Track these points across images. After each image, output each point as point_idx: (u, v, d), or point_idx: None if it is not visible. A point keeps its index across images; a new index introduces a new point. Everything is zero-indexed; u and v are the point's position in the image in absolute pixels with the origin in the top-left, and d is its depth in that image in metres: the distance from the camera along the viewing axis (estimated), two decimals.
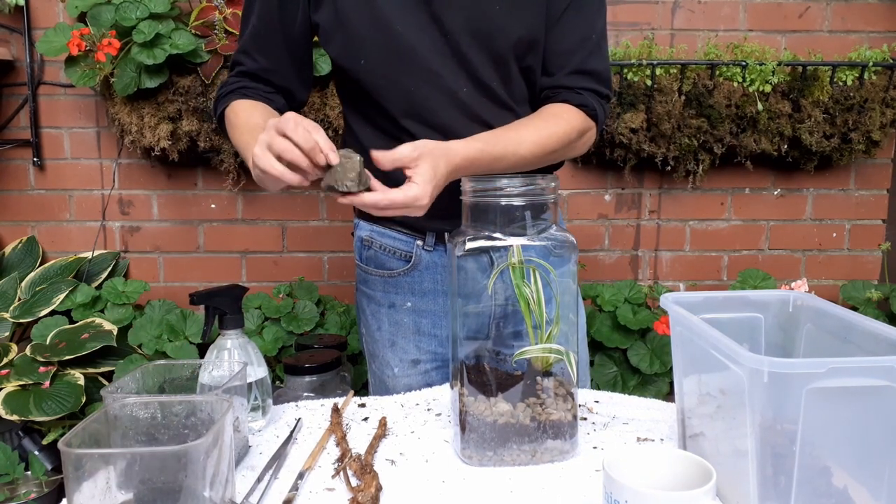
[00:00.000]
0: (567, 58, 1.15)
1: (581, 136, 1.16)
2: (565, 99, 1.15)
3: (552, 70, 1.16)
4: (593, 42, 1.16)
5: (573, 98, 1.15)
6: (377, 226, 1.23)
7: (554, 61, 1.16)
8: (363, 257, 1.26)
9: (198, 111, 1.97)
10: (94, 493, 0.66)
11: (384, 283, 1.24)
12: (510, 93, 1.14)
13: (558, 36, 1.14)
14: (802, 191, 2.31)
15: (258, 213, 2.26)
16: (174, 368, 0.91)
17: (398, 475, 0.86)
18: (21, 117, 2.17)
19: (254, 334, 2.06)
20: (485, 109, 1.13)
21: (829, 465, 0.71)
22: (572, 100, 1.15)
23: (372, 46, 1.10)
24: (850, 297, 2.20)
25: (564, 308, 0.87)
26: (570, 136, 1.13)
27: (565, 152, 1.16)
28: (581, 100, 1.15)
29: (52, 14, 2.12)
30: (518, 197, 0.87)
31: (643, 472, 0.72)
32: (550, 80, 1.17)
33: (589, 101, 1.15)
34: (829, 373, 0.66)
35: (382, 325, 1.25)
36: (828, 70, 2.03)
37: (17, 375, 1.81)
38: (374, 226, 1.24)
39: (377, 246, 1.24)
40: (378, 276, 1.25)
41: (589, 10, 1.15)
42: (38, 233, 2.25)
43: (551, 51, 1.15)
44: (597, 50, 1.17)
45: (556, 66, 1.16)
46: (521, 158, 1.08)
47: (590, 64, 1.16)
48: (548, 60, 1.16)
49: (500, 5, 1.09)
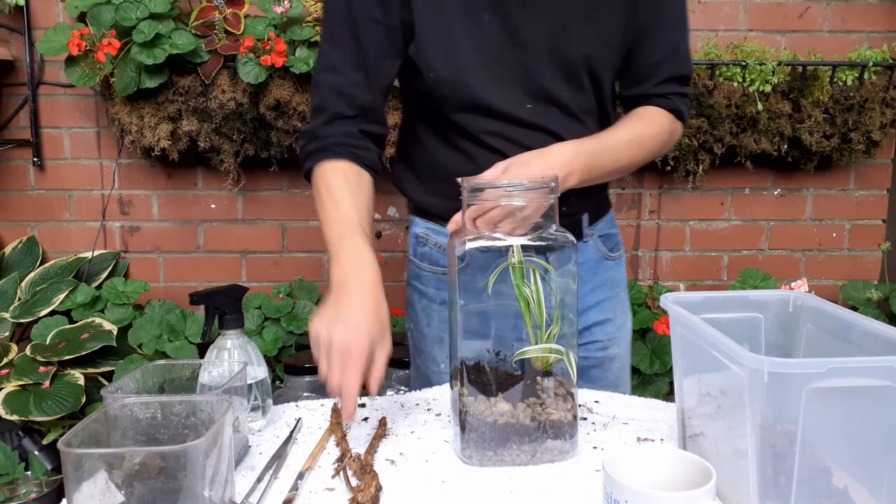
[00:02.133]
0: (657, 69, 1.18)
1: (671, 136, 1.21)
2: (655, 104, 1.19)
3: (642, 80, 1.19)
4: (680, 50, 1.19)
5: (663, 104, 1.19)
6: (432, 223, 1.24)
7: (644, 72, 1.18)
8: (417, 253, 1.27)
9: (198, 111, 1.97)
10: (93, 493, 0.66)
11: (437, 279, 1.24)
12: (578, 103, 1.15)
13: (648, 49, 1.16)
14: (802, 191, 2.31)
15: (258, 213, 2.26)
16: (174, 368, 0.91)
17: (398, 475, 0.86)
18: (21, 117, 2.17)
19: (254, 334, 2.06)
20: (551, 119, 1.13)
21: (829, 465, 0.71)
22: (662, 105, 1.19)
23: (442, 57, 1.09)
24: (850, 297, 2.20)
25: (564, 308, 0.87)
26: (662, 137, 1.18)
27: (658, 153, 1.21)
28: (670, 104, 1.19)
29: (51, 14, 2.12)
30: (518, 197, 0.86)
31: (643, 472, 0.72)
32: (640, 89, 1.19)
33: (677, 105, 1.19)
34: (829, 373, 0.66)
35: (432, 321, 1.26)
36: (828, 70, 2.03)
37: (17, 375, 1.81)
38: (430, 223, 1.24)
39: (432, 243, 1.24)
40: (431, 273, 1.25)
41: (677, 18, 1.18)
42: (38, 233, 2.25)
43: (641, 63, 1.17)
44: (684, 56, 1.20)
45: (647, 76, 1.18)
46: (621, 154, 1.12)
47: (678, 70, 1.19)
48: (637, 71, 1.18)
49: (577, 18, 1.09)
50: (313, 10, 1.92)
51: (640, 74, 1.19)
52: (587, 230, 1.24)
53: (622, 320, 1.31)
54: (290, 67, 1.87)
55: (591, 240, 1.25)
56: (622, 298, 1.31)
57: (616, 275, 1.30)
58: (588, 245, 1.25)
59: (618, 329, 1.29)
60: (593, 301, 1.26)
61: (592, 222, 1.25)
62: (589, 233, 1.24)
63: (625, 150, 1.14)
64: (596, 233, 1.26)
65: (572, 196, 1.13)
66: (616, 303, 1.29)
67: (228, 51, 1.88)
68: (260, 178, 2.22)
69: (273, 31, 1.91)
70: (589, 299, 1.25)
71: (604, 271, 1.27)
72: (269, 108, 1.94)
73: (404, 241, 2.28)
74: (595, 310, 1.26)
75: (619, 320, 1.29)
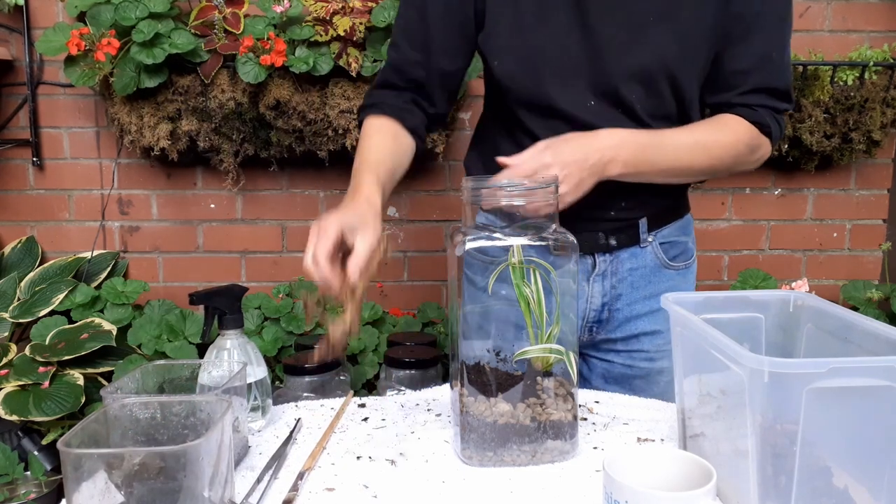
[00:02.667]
0: (745, 77, 1.11)
1: (752, 151, 1.12)
2: (738, 113, 1.12)
3: (727, 88, 1.12)
4: (774, 60, 1.11)
5: (746, 114, 1.11)
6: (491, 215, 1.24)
7: (730, 80, 1.11)
8: None
9: (197, 111, 1.97)
10: (93, 494, 0.66)
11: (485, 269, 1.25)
12: (651, 108, 1.10)
13: (737, 55, 1.10)
14: (803, 191, 2.30)
15: (258, 212, 2.26)
16: (174, 368, 0.91)
17: (398, 475, 0.86)
18: (20, 117, 2.17)
19: (253, 334, 2.05)
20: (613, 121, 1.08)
21: (829, 465, 0.71)
22: (745, 115, 1.11)
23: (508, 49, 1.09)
24: (851, 297, 2.20)
25: (564, 308, 0.87)
26: (737, 148, 1.10)
27: (732, 164, 1.13)
28: (754, 116, 1.11)
29: (51, 14, 2.12)
30: (518, 197, 0.86)
31: (643, 473, 0.72)
32: (723, 97, 1.13)
33: (763, 119, 1.11)
34: (830, 373, 0.66)
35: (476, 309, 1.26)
36: (828, 70, 2.03)
37: (16, 375, 1.81)
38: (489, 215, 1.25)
39: None
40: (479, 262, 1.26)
41: (774, 24, 1.10)
42: (37, 233, 2.24)
43: (728, 69, 1.11)
44: (778, 66, 1.12)
45: (732, 84, 1.11)
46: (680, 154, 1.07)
47: (769, 81, 1.11)
48: (723, 78, 1.12)
49: (657, 18, 1.05)
50: (313, 9, 1.92)
51: (725, 81, 1.11)
52: (644, 235, 1.19)
53: None
54: (290, 67, 1.87)
55: (650, 246, 1.20)
56: None
57: (678, 285, 1.23)
58: (645, 251, 1.20)
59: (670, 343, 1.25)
60: (645, 310, 1.21)
61: (654, 228, 1.20)
62: (647, 238, 1.19)
63: (685, 151, 1.07)
64: (658, 239, 1.20)
65: (623, 200, 1.11)
66: None
67: (228, 50, 1.88)
68: (259, 177, 2.22)
69: (273, 30, 1.91)
70: (640, 307, 1.21)
71: (662, 280, 1.21)
72: (269, 107, 1.94)
73: (404, 241, 2.28)
74: (646, 319, 1.21)
75: None
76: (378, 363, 2.05)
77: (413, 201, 2.25)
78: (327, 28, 1.89)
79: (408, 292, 2.30)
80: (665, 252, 1.21)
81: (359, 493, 0.82)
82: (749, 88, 1.11)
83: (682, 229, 1.25)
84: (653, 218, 1.19)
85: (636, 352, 1.22)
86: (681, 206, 1.26)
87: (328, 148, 2.04)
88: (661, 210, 1.20)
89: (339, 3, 1.91)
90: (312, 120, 1.96)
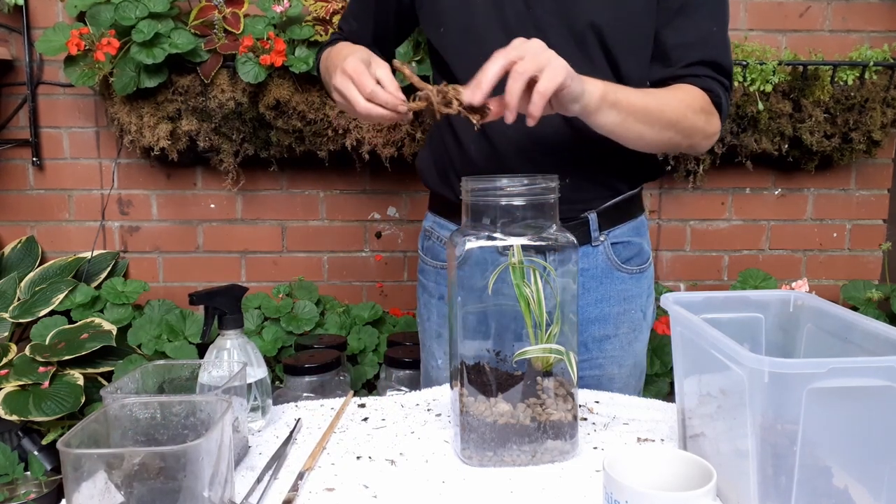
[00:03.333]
0: (687, 50, 1.09)
1: (703, 116, 1.07)
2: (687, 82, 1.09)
3: (671, 62, 1.10)
4: (716, 35, 1.10)
5: (695, 82, 1.08)
6: (440, 217, 1.24)
7: (672, 53, 1.09)
8: (423, 247, 1.28)
9: (197, 111, 1.97)
10: (93, 494, 0.66)
11: (437, 274, 1.24)
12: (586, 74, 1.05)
13: (679, 27, 1.08)
14: (803, 191, 2.30)
15: (258, 212, 2.26)
16: (174, 368, 0.91)
17: (398, 475, 0.86)
18: (20, 117, 2.17)
19: (253, 334, 2.05)
20: None
21: (829, 465, 0.71)
22: (695, 83, 1.08)
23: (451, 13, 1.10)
24: (851, 297, 2.20)
25: (564, 308, 0.87)
26: (691, 108, 1.05)
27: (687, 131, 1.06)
28: (703, 83, 1.08)
29: (51, 13, 2.12)
30: (518, 196, 0.86)
31: (643, 473, 0.72)
32: (667, 71, 1.10)
33: (712, 86, 1.09)
34: (830, 373, 0.66)
35: (432, 316, 1.26)
36: (828, 70, 2.03)
37: (16, 375, 1.81)
38: (438, 217, 1.24)
39: (435, 237, 1.24)
40: (432, 267, 1.25)
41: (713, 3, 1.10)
42: (37, 233, 2.24)
43: (671, 44, 1.09)
44: (721, 42, 1.11)
45: (675, 58, 1.09)
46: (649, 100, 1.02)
47: (713, 55, 1.09)
48: (665, 53, 1.10)
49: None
50: (313, 9, 1.92)
51: (668, 56, 1.09)
52: (596, 234, 1.16)
53: (629, 340, 1.20)
54: (290, 67, 1.87)
55: (602, 246, 1.17)
56: (635, 318, 1.20)
57: (631, 289, 1.19)
58: (597, 251, 1.16)
59: (621, 349, 1.19)
60: (595, 314, 1.17)
61: (606, 227, 1.16)
62: (599, 238, 1.16)
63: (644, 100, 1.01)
64: (610, 239, 1.17)
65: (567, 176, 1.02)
66: (625, 320, 1.19)
67: (228, 50, 1.88)
68: (259, 177, 2.22)
69: (272, 30, 1.91)
70: (591, 311, 1.17)
71: (613, 283, 1.18)
72: (269, 107, 1.94)
73: (404, 240, 2.28)
74: (597, 324, 1.17)
75: (624, 339, 1.19)
76: (378, 363, 2.05)
77: (413, 201, 2.25)
78: (327, 28, 1.89)
79: (408, 292, 2.30)
80: (617, 253, 1.18)
81: (359, 493, 0.82)
82: (694, 61, 1.09)
83: (635, 230, 1.21)
84: (603, 215, 1.15)
85: (583, 361, 1.17)
86: (634, 205, 1.22)
87: (328, 148, 2.04)
88: (610, 208, 1.16)
89: (339, 3, 1.91)
90: (312, 120, 1.96)
